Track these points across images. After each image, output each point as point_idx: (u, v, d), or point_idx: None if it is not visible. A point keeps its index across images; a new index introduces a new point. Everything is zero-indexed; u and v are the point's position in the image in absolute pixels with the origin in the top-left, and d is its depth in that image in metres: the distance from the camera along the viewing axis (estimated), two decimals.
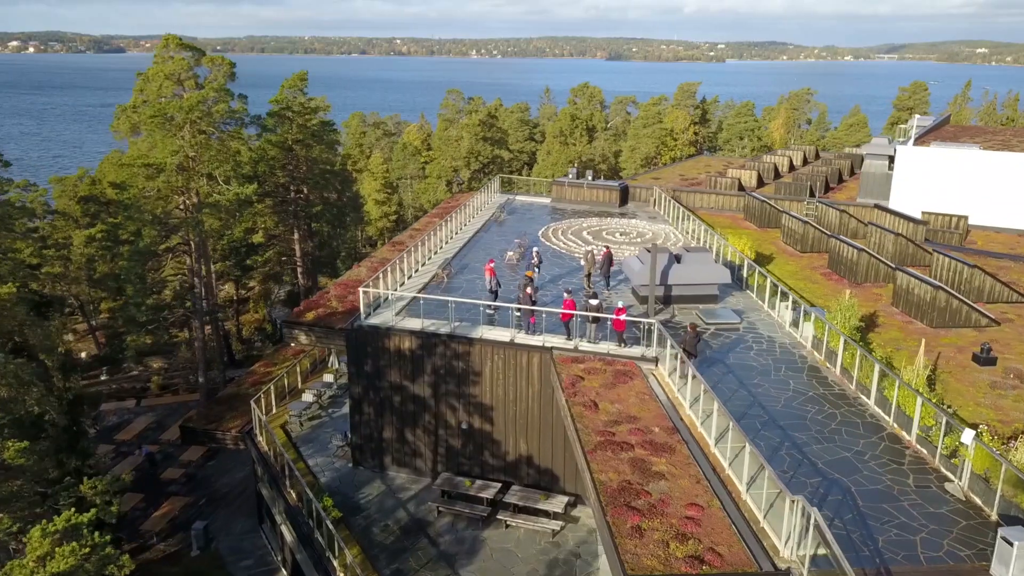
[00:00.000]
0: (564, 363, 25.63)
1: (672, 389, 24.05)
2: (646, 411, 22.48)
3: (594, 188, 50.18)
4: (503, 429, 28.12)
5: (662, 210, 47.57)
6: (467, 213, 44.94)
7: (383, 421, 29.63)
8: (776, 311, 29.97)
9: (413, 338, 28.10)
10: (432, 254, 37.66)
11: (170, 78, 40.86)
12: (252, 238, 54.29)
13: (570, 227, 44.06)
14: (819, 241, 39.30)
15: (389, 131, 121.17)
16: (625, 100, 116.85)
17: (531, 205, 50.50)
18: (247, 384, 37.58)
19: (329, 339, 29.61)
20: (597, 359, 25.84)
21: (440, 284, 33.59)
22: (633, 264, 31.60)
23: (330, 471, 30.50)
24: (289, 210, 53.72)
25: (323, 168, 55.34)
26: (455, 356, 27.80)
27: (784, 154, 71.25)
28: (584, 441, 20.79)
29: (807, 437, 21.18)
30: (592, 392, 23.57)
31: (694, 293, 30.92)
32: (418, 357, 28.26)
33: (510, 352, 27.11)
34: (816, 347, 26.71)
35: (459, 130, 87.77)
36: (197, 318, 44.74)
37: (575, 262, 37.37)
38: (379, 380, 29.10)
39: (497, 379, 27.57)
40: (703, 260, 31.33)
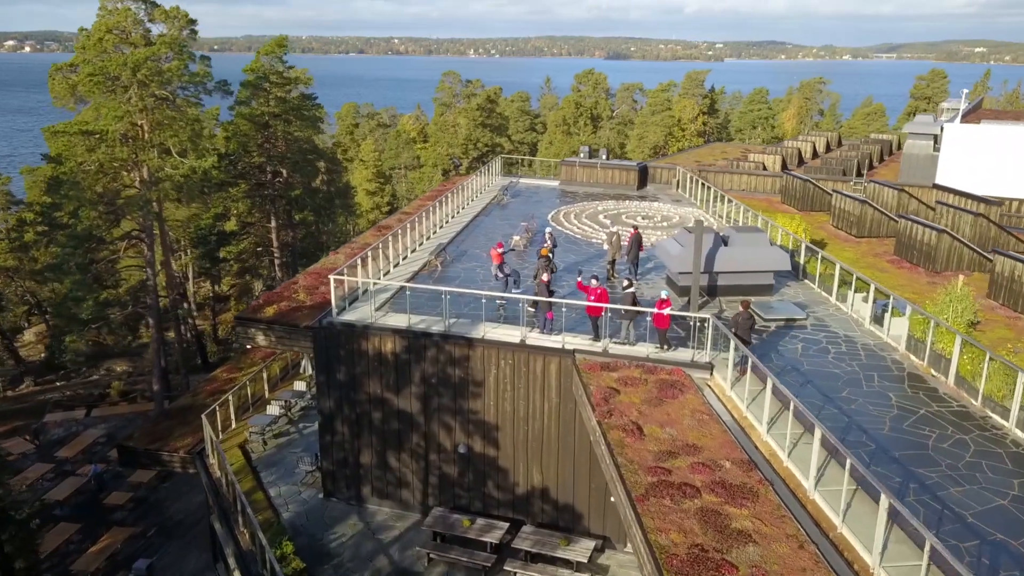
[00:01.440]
0: (591, 371, 19.75)
1: (737, 406, 18.16)
2: (708, 437, 16.59)
3: (609, 168, 44.30)
4: (511, 454, 22.23)
5: (687, 192, 41.70)
6: (465, 195, 39.05)
7: (360, 442, 23.72)
8: (849, 304, 24.12)
9: (398, 338, 22.22)
10: (424, 239, 31.77)
11: (114, 32, 34.91)
12: (224, 225, 48.24)
13: (584, 210, 38.18)
14: (880, 224, 33.46)
15: (384, 123, 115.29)
16: (632, 87, 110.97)
17: (538, 188, 44.59)
18: (204, 393, 31.71)
19: (292, 340, 23.76)
20: (634, 365, 19.96)
21: (433, 273, 27.71)
22: (670, 247, 25.70)
23: (296, 503, 24.58)
24: (265, 194, 47.71)
25: (305, 148, 49.30)
26: (451, 361, 21.91)
27: (807, 140, 66.02)
28: (630, 483, 14.89)
29: (937, 475, 15.28)
30: (633, 410, 17.67)
31: (745, 283, 25.02)
32: (404, 362, 22.36)
33: (521, 356, 21.24)
34: (914, 349, 20.84)
35: (456, 115, 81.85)
36: (152, 316, 38.74)
37: (593, 248, 31.50)
38: (355, 391, 23.20)
39: (504, 390, 21.69)
40: (756, 242, 25.45)
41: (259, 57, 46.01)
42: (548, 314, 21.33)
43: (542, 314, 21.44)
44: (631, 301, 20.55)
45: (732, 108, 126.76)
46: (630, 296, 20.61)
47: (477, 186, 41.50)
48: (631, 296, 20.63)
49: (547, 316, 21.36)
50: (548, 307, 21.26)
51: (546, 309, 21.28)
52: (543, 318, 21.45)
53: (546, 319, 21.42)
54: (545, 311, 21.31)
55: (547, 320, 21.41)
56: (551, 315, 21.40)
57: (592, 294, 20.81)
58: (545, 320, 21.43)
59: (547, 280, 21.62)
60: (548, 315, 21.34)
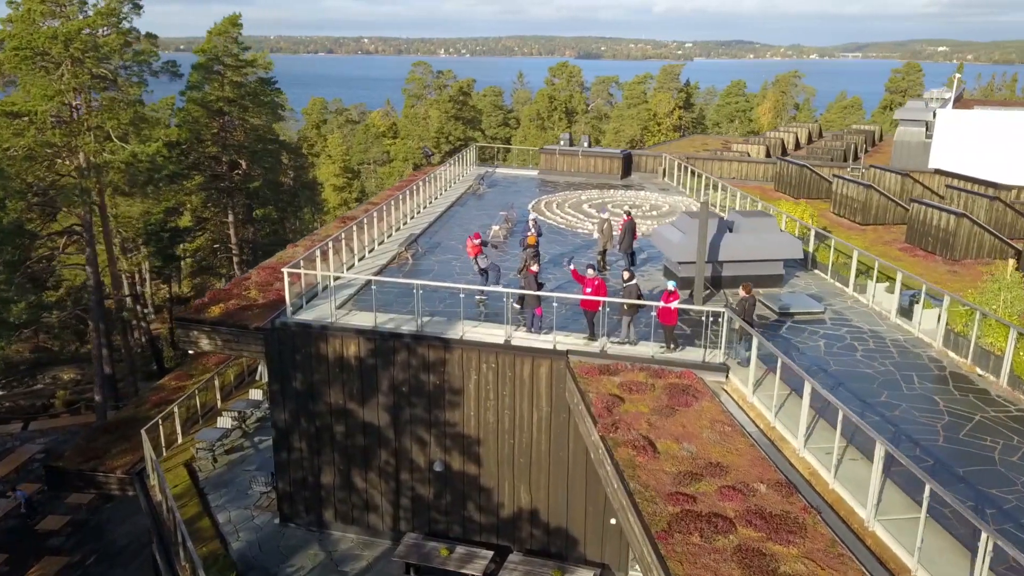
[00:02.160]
0: (588, 375, 16.94)
1: (762, 414, 15.46)
2: (734, 453, 13.85)
3: (591, 156, 41.61)
4: (495, 471, 19.35)
5: (675, 181, 39.13)
6: (438, 185, 36.12)
7: (321, 460, 20.67)
8: (870, 296, 21.61)
9: (363, 340, 19.24)
10: (393, 230, 28.78)
11: (46, 3, 31.25)
12: (178, 221, 44.72)
13: (567, 199, 35.42)
14: (886, 210, 31.09)
15: (353, 119, 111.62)
16: (607, 80, 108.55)
17: (516, 177, 41.77)
18: (149, 404, 28.39)
19: (241, 343, 20.67)
20: (637, 368, 17.19)
21: (403, 266, 24.77)
22: (669, 234, 22.99)
23: (248, 530, 21.46)
24: (222, 187, 44.27)
25: (266, 137, 45.95)
26: (424, 366, 18.97)
27: (789, 130, 64.25)
28: (648, 515, 12.09)
29: (1015, 497, 12.67)
30: (642, 422, 14.88)
31: (753, 273, 22.36)
32: (370, 368, 19.38)
33: (505, 359, 18.36)
34: (953, 345, 18.32)
35: (427, 107, 78.74)
36: (94, 319, 35.23)
37: (580, 238, 28.75)
38: (314, 401, 20.16)
39: (486, 399, 18.80)
40: (765, 228, 22.83)
41: (211, 37, 42.55)
42: (537, 310, 18.48)
43: (530, 310, 18.59)
44: (635, 295, 17.78)
45: (707, 103, 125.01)
46: (633, 289, 17.83)
47: (451, 175, 38.59)
48: (634, 289, 17.85)
49: (536, 312, 18.50)
50: (537, 302, 18.41)
51: (534, 304, 18.42)
52: (531, 315, 18.60)
53: (534, 316, 18.56)
54: (533, 307, 18.45)
55: (535, 317, 18.56)
56: (540, 311, 18.55)
57: (589, 285, 18.03)
58: (533, 317, 18.58)
59: (536, 271, 18.78)
60: (537, 311, 18.49)
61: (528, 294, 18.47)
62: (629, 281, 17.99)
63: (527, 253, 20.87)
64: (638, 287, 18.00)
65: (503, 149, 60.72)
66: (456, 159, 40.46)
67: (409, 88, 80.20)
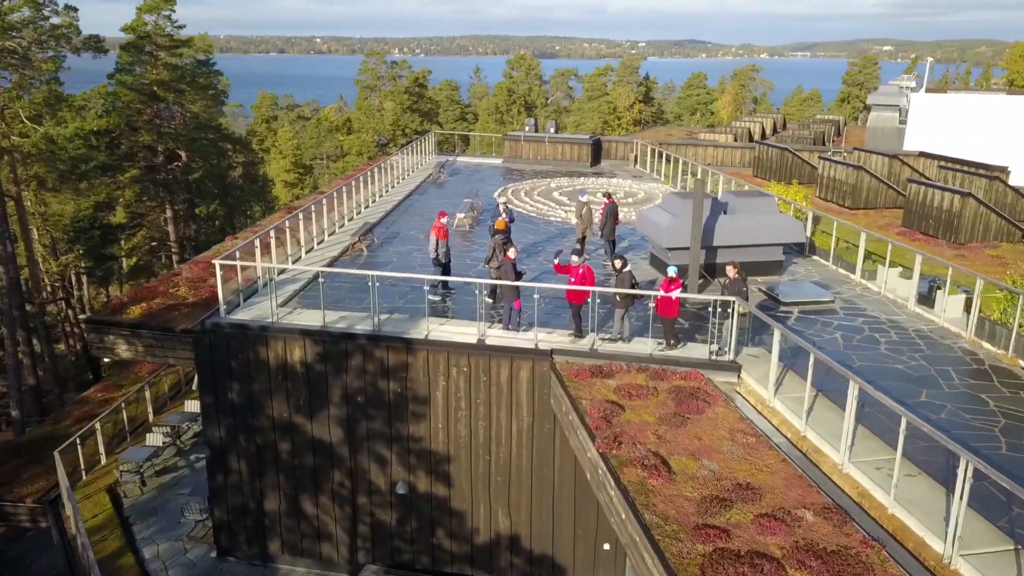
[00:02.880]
0: (579, 378, 14.34)
1: (787, 420, 13.03)
2: (764, 471, 11.37)
3: (558, 143, 39.10)
4: (468, 493, 16.62)
5: (648, 168, 36.84)
6: (395, 174, 33.26)
7: (264, 483, 17.72)
8: (881, 282, 19.44)
9: (310, 342, 16.36)
10: (345, 220, 25.85)
11: None
12: (110, 217, 40.98)
13: (535, 187, 32.84)
14: (878, 193, 29.14)
15: (304, 115, 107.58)
16: (567, 73, 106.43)
17: (478, 166, 39.05)
18: (70, 419, 25.06)
19: (166, 349, 17.65)
20: (634, 368, 14.65)
21: (357, 258, 21.92)
22: (656, 217, 20.52)
23: (179, 566, 18.40)
24: (158, 179, 40.63)
25: (207, 125, 42.43)
26: (383, 371, 16.17)
27: (755, 120, 62.87)
28: (672, 556, 9.50)
29: None
30: (648, 435, 12.33)
31: (751, 259, 20.02)
32: (319, 375, 16.51)
33: (479, 361, 15.66)
34: (988, 334, 16.15)
35: (382, 98, 75.53)
36: (7, 324, 31.54)
37: (553, 227, 26.19)
38: (254, 415, 17.20)
39: (457, 409, 16.07)
40: (763, 209, 20.49)
41: (140, 15, 38.90)
42: (515, 303, 15.81)
43: (507, 303, 15.92)
44: (629, 284, 15.23)
45: (664, 98, 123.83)
46: (627, 277, 15.28)
47: (408, 164, 35.74)
48: (628, 277, 15.31)
49: (513, 306, 15.84)
50: (515, 294, 15.74)
51: (512, 296, 15.75)
52: (508, 309, 15.93)
53: (512, 310, 15.90)
54: (511, 299, 15.78)
55: (513, 311, 15.90)
56: (519, 304, 15.89)
57: (573, 274, 15.43)
58: (511, 311, 15.91)
59: (513, 257, 16.13)
60: (515, 304, 15.82)
61: (504, 285, 15.80)
62: (622, 269, 15.43)
63: (497, 239, 18.18)
64: (632, 275, 15.46)
65: (463, 138, 58.11)
66: (414, 146, 37.61)
67: (362, 79, 76.81)
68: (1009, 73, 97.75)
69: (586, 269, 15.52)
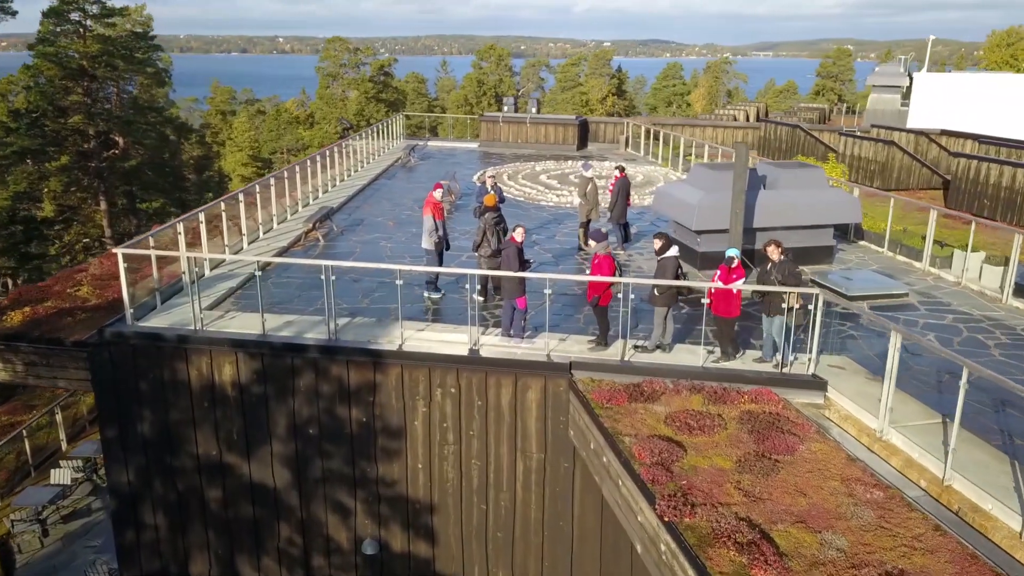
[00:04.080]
0: (612, 402, 10.46)
1: (915, 460, 9.27)
2: (919, 549, 7.60)
3: (541, 124, 35.27)
4: (457, 553, 12.61)
5: (641, 150, 33.15)
6: (359, 157, 29.19)
7: (188, 541, 13.53)
8: (959, 271, 15.87)
9: (245, 356, 12.24)
10: (300, 206, 21.72)
11: None
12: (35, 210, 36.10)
13: (519, 171, 28.94)
14: (911, 172, 25.70)
15: (264, 110, 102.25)
16: (538, 64, 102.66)
17: (453, 149, 35.07)
18: None
19: (53, 367, 13.40)
20: (683, 386, 10.81)
21: (311, 249, 17.84)
22: (682, 194, 16.70)
23: None
24: (91, 168, 35.89)
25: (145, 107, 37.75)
26: (342, 394, 12.11)
27: (739, 109, 59.86)
28: None
29: None
30: (730, 488, 8.47)
31: (796, 244, 16.31)
32: (258, 400, 12.39)
33: (471, 379, 11.68)
34: None
35: (344, 87, 71.00)
36: None
37: (545, 212, 22.34)
38: (172, 453, 13.02)
39: (443, 443, 12.07)
40: (812, 182, 16.76)
41: None
42: (518, 301, 11.87)
43: (508, 302, 11.96)
44: (673, 272, 11.40)
45: (635, 92, 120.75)
46: (671, 264, 11.46)
47: (375, 148, 31.66)
48: (672, 264, 11.48)
49: (517, 304, 11.89)
50: (519, 289, 11.79)
51: (515, 293, 11.80)
52: (510, 309, 11.98)
53: (514, 310, 11.95)
54: (514, 296, 11.84)
55: (517, 312, 11.95)
56: (524, 302, 11.95)
57: (600, 265, 11.58)
58: (513, 312, 11.96)
59: (520, 240, 12.21)
60: (518, 302, 11.88)
61: (505, 277, 11.86)
62: (664, 252, 11.59)
63: (487, 219, 14.21)
64: (678, 261, 11.62)
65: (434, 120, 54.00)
66: (380, 127, 33.50)
67: (324, 67, 72.15)
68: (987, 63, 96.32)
69: (606, 257, 11.66)
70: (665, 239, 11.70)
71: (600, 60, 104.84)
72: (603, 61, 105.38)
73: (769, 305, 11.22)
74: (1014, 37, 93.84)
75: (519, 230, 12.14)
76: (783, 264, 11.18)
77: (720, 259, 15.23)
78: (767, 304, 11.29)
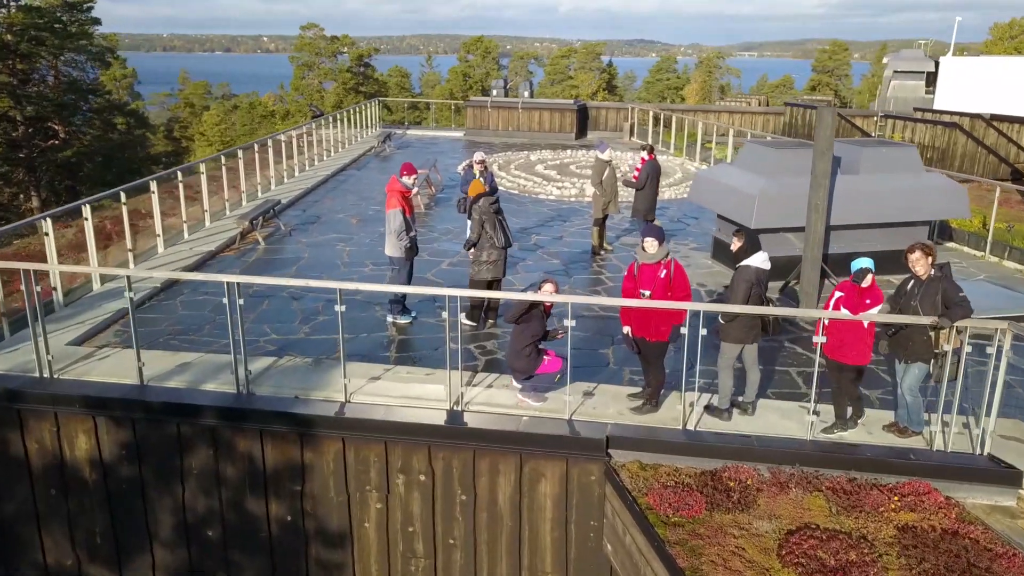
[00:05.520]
0: (682, 510, 6.34)
1: None
2: None
3: (534, 110, 31.21)
4: None
5: (649, 139, 29.11)
6: (323, 146, 25.08)
7: None
8: None
9: (109, 423, 8.05)
10: (244, 198, 17.53)
11: None
12: None
13: (511, 161, 24.85)
14: (975, 160, 21.88)
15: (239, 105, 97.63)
16: (526, 56, 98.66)
17: (434, 138, 30.95)
18: None
19: None
20: (790, 478, 6.71)
21: (247, 254, 13.70)
22: (732, 179, 12.64)
23: None
24: (20, 158, 31.41)
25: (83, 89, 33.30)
26: (255, 481, 7.94)
27: (740, 101, 56.74)
28: None
29: None
30: None
31: (884, 247, 12.33)
32: (130, 487, 8.19)
33: (451, 461, 7.54)
34: None
35: (321, 76, 66.70)
36: None
37: (545, 207, 18.28)
38: (4, 564, 8.81)
39: (408, 558, 7.91)
40: (904, 165, 12.72)
41: None
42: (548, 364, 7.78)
43: (527, 339, 7.79)
44: (753, 289, 7.37)
45: (625, 88, 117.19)
46: (750, 277, 7.42)
47: (345, 135, 27.55)
48: (753, 277, 7.43)
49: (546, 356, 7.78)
50: (534, 357, 7.69)
51: (531, 363, 7.68)
52: (531, 351, 7.80)
53: (534, 354, 7.78)
54: (531, 367, 7.71)
55: (541, 358, 7.81)
56: (556, 363, 7.84)
57: (647, 279, 7.49)
58: (533, 355, 7.79)
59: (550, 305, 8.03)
60: (549, 365, 7.79)
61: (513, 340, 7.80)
62: (743, 257, 7.52)
63: (482, 207, 10.09)
64: (764, 274, 7.57)
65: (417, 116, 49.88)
66: (352, 111, 29.37)
67: (299, 56, 67.76)
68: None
69: (675, 268, 7.57)
70: (746, 239, 7.62)
71: (590, 54, 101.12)
72: (593, 55, 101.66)
73: (909, 345, 7.19)
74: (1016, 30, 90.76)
75: (548, 286, 7.84)
76: (936, 282, 7.15)
77: (787, 270, 11.28)
78: (903, 343, 7.26)
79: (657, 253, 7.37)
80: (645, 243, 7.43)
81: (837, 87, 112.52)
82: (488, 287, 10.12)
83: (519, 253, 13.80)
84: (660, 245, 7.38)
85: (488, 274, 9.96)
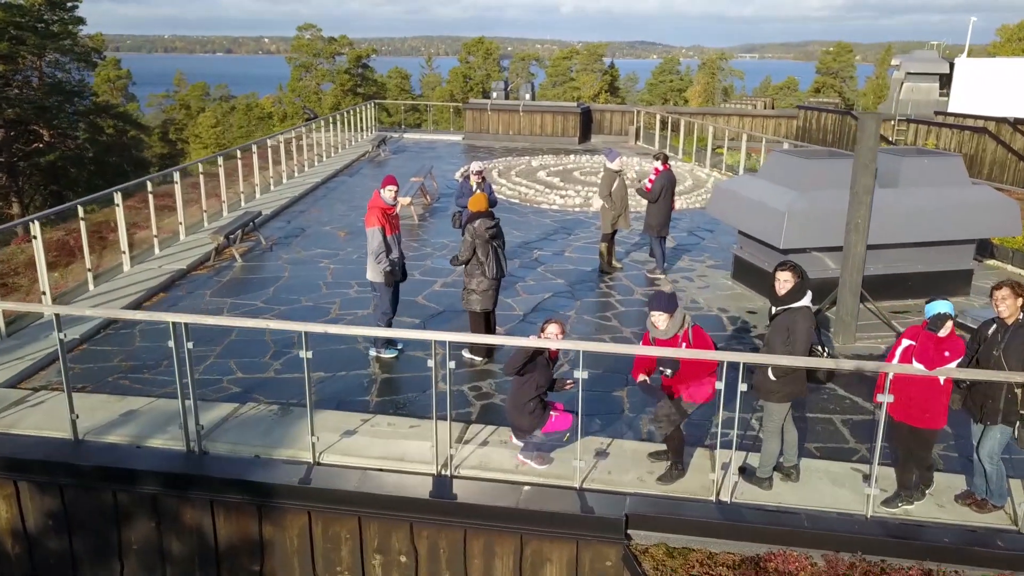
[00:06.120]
0: None
1: None
2: None
3: (536, 113, 29.95)
4: None
5: (656, 144, 27.87)
6: (315, 151, 23.86)
7: None
8: None
9: (32, 490, 6.79)
10: (225, 208, 16.28)
11: None
12: None
13: (512, 167, 23.59)
14: (1004, 167, 20.61)
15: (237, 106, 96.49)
16: (527, 57, 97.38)
17: (432, 143, 29.71)
18: None
19: None
20: (853, 569, 5.42)
21: (222, 272, 12.44)
22: (757, 192, 11.34)
23: None
24: (0, 163, 30.16)
25: (68, 90, 32.06)
26: (204, 559, 6.66)
27: (746, 103, 55.29)
28: None
29: None
30: None
31: (924, 268, 11.09)
32: (57, 564, 6.93)
33: (437, 540, 6.28)
34: None
35: (319, 78, 65.49)
36: None
37: (549, 217, 17.00)
38: None
39: None
40: (948, 177, 11.44)
41: None
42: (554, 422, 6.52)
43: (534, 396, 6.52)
44: (803, 333, 6.10)
45: (627, 90, 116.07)
46: (805, 322, 6.12)
47: (339, 139, 26.33)
48: (808, 322, 6.15)
49: (553, 409, 6.52)
50: (540, 415, 6.43)
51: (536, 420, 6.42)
52: (534, 409, 6.53)
53: (540, 411, 6.52)
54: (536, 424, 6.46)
55: (552, 415, 6.55)
56: (566, 420, 6.58)
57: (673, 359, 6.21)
58: (540, 413, 6.52)
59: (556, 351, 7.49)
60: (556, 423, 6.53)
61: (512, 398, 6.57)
62: (792, 300, 6.23)
63: (476, 230, 8.80)
64: (811, 314, 6.30)
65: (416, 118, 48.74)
66: (347, 114, 28.15)
67: (296, 57, 66.54)
68: None
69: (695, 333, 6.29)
70: (796, 273, 6.34)
71: (592, 56, 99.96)
72: (595, 57, 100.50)
73: (989, 403, 5.93)
74: None
75: (553, 327, 6.53)
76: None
77: (818, 293, 10.09)
78: (981, 399, 6.00)
79: (670, 327, 6.08)
80: (653, 318, 6.14)
81: (842, 89, 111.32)
82: (485, 319, 8.88)
83: (519, 271, 12.55)
84: (671, 317, 6.08)
85: (477, 305, 8.73)
